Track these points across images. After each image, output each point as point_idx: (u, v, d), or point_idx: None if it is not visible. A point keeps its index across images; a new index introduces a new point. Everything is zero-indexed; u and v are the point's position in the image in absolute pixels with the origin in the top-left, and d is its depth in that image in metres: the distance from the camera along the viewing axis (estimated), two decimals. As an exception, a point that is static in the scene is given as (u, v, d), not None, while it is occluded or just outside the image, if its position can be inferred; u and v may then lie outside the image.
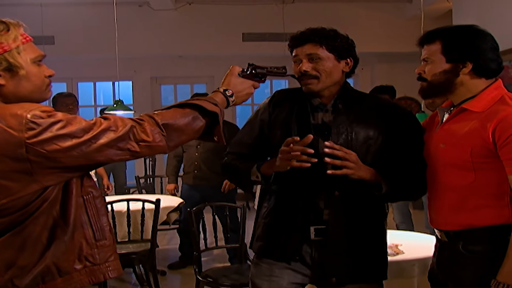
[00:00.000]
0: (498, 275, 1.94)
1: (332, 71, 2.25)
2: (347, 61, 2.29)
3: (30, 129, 1.58)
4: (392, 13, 9.29)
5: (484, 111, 2.03)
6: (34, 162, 1.59)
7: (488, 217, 2.03)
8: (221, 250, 5.26)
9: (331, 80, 2.26)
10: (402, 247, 3.18)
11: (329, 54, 2.24)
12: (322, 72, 2.23)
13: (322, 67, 2.23)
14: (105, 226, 1.84)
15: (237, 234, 4.46)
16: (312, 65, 2.24)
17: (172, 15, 9.01)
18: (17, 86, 1.71)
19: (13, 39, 1.68)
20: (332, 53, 2.25)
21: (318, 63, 2.23)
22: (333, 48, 2.24)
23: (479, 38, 2.09)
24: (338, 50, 2.25)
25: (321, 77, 2.24)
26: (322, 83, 2.25)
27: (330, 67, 2.25)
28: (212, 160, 5.44)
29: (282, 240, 2.28)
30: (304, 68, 2.24)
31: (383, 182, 2.14)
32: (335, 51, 2.25)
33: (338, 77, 2.29)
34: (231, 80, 2.06)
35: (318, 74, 2.23)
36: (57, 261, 1.71)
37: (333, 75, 2.26)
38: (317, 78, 2.24)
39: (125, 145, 1.70)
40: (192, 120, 1.85)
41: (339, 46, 2.25)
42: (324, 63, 2.24)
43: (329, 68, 2.24)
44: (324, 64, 2.24)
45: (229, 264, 5.35)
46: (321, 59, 2.23)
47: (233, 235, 4.55)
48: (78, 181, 1.76)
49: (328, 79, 2.25)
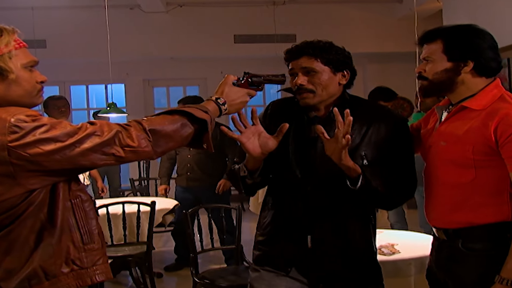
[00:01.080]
0: (502, 271, 1.95)
1: (328, 84, 2.22)
2: (344, 73, 2.26)
3: (13, 132, 1.60)
4: (382, 13, 9.33)
5: (485, 109, 2.04)
6: (16, 165, 1.61)
7: (488, 214, 2.04)
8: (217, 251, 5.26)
9: (327, 93, 2.23)
10: (398, 246, 3.18)
11: (324, 67, 2.21)
12: (317, 86, 2.21)
13: (318, 81, 2.20)
14: (93, 230, 1.85)
15: (232, 236, 4.48)
16: (308, 79, 2.21)
17: (164, 18, 9.01)
18: (6, 90, 1.73)
19: (5, 44, 1.71)
20: (328, 66, 2.21)
21: (314, 76, 2.21)
22: (328, 60, 2.21)
23: (479, 37, 2.10)
24: (334, 62, 2.22)
25: (317, 91, 2.21)
26: (318, 97, 2.22)
27: (326, 80, 2.21)
28: (205, 161, 5.51)
29: (280, 251, 2.30)
30: (300, 82, 2.21)
31: (362, 176, 2.11)
32: (330, 64, 2.21)
33: (335, 90, 2.26)
34: (224, 89, 2.06)
35: (313, 88, 2.21)
36: (44, 264, 1.72)
37: (329, 88, 2.23)
38: (313, 92, 2.21)
39: (109, 150, 1.71)
40: (181, 127, 1.85)
41: (335, 59, 2.22)
42: (319, 77, 2.21)
43: (324, 82, 2.21)
44: (319, 78, 2.21)
45: (225, 266, 5.37)
46: (316, 72, 2.20)
47: (228, 237, 4.58)
48: (65, 185, 1.78)
49: (324, 92, 2.22)
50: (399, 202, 2.36)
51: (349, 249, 2.25)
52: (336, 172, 2.13)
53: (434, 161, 2.20)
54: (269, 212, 2.36)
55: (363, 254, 2.29)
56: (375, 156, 2.22)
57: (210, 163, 5.55)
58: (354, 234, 2.25)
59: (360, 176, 2.11)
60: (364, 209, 2.29)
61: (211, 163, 5.55)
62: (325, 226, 2.23)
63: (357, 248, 2.26)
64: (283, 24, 8.81)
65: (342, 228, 2.24)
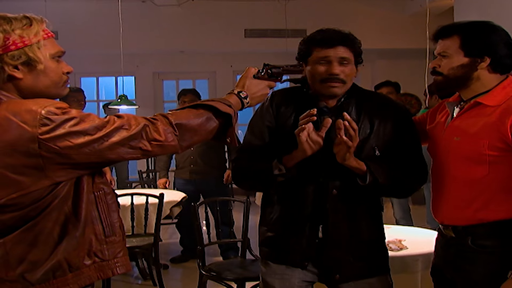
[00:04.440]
0: None
1: (352, 76, 2.25)
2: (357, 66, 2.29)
3: (43, 125, 1.59)
4: (393, 10, 9.32)
5: (499, 105, 2.04)
6: (46, 158, 1.60)
7: (499, 211, 2.04)
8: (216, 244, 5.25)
9: (350, 85, 2.27)
10: (406, 242, 3.19)
11: (353, 59, 2.23)
12: (348, 77, 2.22)
13: (349, 72, 2.22)
14: (115, 222, 1.84)
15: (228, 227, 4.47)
16: (342, 69, 2.20)
17: (175, 11, 9.03)
18: (34, 81, 1.72)
19: (34, 33, 1.70)
20: (355, 58, 2.24)
21: (347, 67, 2.21)
22: (356, 53, 2.24)
23: (495, 33, 2.10)
24: (358, 55, 2.25)
25: (347, 82, 2.23)
26: (345, 88, 2.24)
27: (353, 72, 2.24)
28: (208, 154, 5.55)
29: (294, 246, 2.29)
30: (337, 71, 2.19)
31: (368, 173, 2.13)
32: (357, 56, 2.25)
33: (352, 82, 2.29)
34: (245, 82, 2.06)
35: (345, 78, 2.21)
36: (68, 256, 1.71)
37: (352, 80, 2.26)
38: (344, 83, 2.22)
39: (137, 143, 1.70)
40: (206, 121, 1.85)
41: (359, 51, 2.25)
42: (351, 68, 2.23)
43: (352, 73, 2.24)
44: (351, 69, 2.23)
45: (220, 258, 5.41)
46: (349, 63, 2.22)
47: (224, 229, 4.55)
48: (89, 178, 1.77)
49: (349, 84, 2.25)
50: (414, 189, 2.35)
51: (360, 237, 2.26)
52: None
53: (445, 157, 2.20)
54: (276, 207, 2.35)
55: (375, 242, 2.31)
56: (387, 146, 2.24)
57: (213, 155, 5.58)
58: (366, 223, 2.27)
59: (367, 174, 2.13)
60: (373, 198, 2.31)
61: (214, 155, 5.58)
62: (338, 216, 2.23)
63: (368, 236, 2.28)
64: (294, 19, 8.81)
65: (353, 216, 2.25)
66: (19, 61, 1.68)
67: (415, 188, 2.34)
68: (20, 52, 1.68)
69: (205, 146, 5.46)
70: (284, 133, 2.29)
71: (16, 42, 1.67)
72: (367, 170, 2.14)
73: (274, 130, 2.32)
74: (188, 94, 5.78)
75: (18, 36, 1.68)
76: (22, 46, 1.68)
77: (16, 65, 1.68)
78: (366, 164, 2.14)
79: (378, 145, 2.23)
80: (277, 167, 2.20)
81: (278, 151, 2.24)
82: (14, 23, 1.69)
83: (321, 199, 2.23)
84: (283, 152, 2.22)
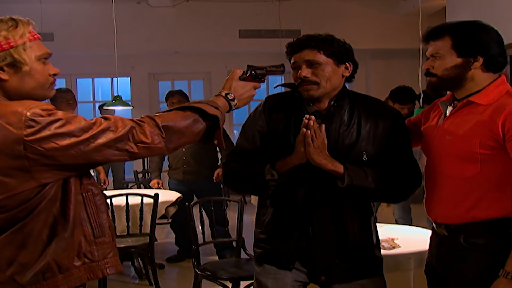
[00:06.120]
0: (507, 265, 1.96)
1: (331, 76, 2.23)
2: (346, 66, 2.27)
3: (29, 126, 1.59)
4: (386, 10, 9.35)
5: (491, 104, 2.05)
6: (31, 159, 1.60)
7: (491, 209, 2.05)
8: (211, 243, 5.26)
9: (331, 85, 2.24)
10: (398, 240, 3.19)
11: (327, 59, 2.22)
12: (321, 78, 2.21)
13: (321, 72, 2.21)
14: (104, 223, 1.84)
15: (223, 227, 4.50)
16: (312, 71, 2.21)
17: (170, 12, 9.04)
18: (20, 82, 1.72)
19: (20, 35, 1.70)
20: (331, 58, 2.22)
21: (318, 68, 2.21)
22: (331, 52, 2.22)
23: (486, 32, 2.11)
24: (336, 54, 2.23)
25: (321, 83, 2.21)
26: (323, 89, 2.23)
27: (330, 72, 2.22)
28: (200, 154, 5.58)
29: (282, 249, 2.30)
30: (304, 74, 2.21)
31: (346, 175, 2.14)
32: (333, 56, 2.22)
33: (338, 82, 2.27)
34: (232, 83, 2.07)
35: (317, 79, 2.21)
36: (57, 258, 1.71)
37: (333, 80, 2.24)
38: (317, 84, 2.21)
39: (123, 145, 1.71)
40: (193, 123, 1.86)
41: (337, 51, 2.23)
42: (323, 68, 2.21)
43: (328, 73, 2.22)
44: (323, 69, 2.21)
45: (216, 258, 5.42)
46: (320, 64, 2.21)
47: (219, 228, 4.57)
48: (77, 179, 1.77)
49: (328, 84, 2.23)
50: (406, 194, 2.36)
51: (347, 240, 2.26)
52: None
53: (438, 156, 2.21)
54: (269, 209, 2.36)
55: (361, 246, 2.30)
56: (376, 151, 2.24)
57: (205, 155, 5.61)
58: (353, 226, 2.26)
59: (345, 176, 2.14)
60: (362, 202, 2.30)
61: (206, 155, 5.61)
62: (323, 218, 2.24)
63: (354, 240, 2.27)
64: (288, 19, 8.83)
65: (340, 220, 2.25)
66: (4, 62, 1.69)
67: (408, 193, 2.35)
68: (5, 54, 1.68)
69: (197, 146, 5.47)
70: (275, 138, 2.30)
71: (1, 44, 1.68)
72: (344, 172, 2.15)
73: (266, 135, 2.33)
74: (176, 95, 5.81)
75: (4, 37, 1.68)
76: (7, 48, 1.68)
77: (2, 66, 1.69)
78: (344, 167, 2.15)
79: (368, 149, 2.24)
80: (270, 173, 2.22)
81: (269, 156, 2.26)
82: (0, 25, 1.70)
83: (308, 202, 2.25)
84: (274, 157, 2.24)
